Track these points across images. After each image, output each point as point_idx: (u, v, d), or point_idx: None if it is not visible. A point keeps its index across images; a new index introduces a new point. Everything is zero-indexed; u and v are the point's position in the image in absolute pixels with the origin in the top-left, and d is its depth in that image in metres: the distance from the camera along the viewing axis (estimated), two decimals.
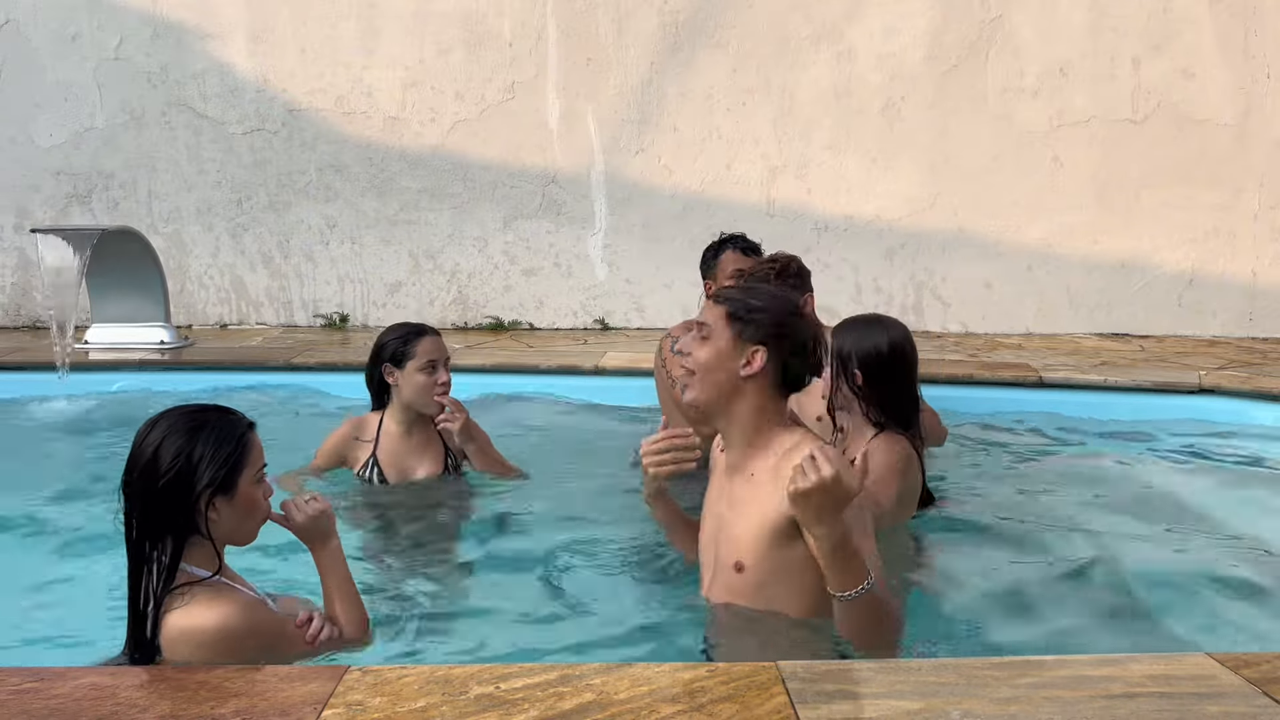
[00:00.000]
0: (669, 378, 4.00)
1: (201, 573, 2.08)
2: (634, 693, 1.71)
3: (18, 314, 7.09)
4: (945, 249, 6.82)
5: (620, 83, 6.80)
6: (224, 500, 2.08)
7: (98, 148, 6.90)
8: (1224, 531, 3.45)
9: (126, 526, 2.08)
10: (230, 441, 2.09)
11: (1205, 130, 6.68)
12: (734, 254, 4.07)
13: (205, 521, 2.06)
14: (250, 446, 2.14)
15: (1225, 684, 1.77)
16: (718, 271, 4.08)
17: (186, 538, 2.08)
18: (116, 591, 2.86)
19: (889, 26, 6.70)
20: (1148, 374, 5.28)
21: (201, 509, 2.06)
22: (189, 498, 2.05)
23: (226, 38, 6.81)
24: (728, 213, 6.80)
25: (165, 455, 2.04)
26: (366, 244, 7.00)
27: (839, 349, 2.94)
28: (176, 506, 2.05)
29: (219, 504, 2.08)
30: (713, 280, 4.11)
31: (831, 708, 1.67)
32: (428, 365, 3.41)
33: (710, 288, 4.14)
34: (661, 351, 4.07)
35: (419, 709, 1.67)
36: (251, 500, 2.13)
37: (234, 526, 2.13)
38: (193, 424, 2.09)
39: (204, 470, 2.05)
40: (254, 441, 2.16)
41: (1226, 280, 6.80)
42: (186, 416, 2.10)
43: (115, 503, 2.12)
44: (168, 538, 2.06)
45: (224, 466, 2.07)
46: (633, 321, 7.03)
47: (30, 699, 1.69)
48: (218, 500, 2.08)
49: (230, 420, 2.14)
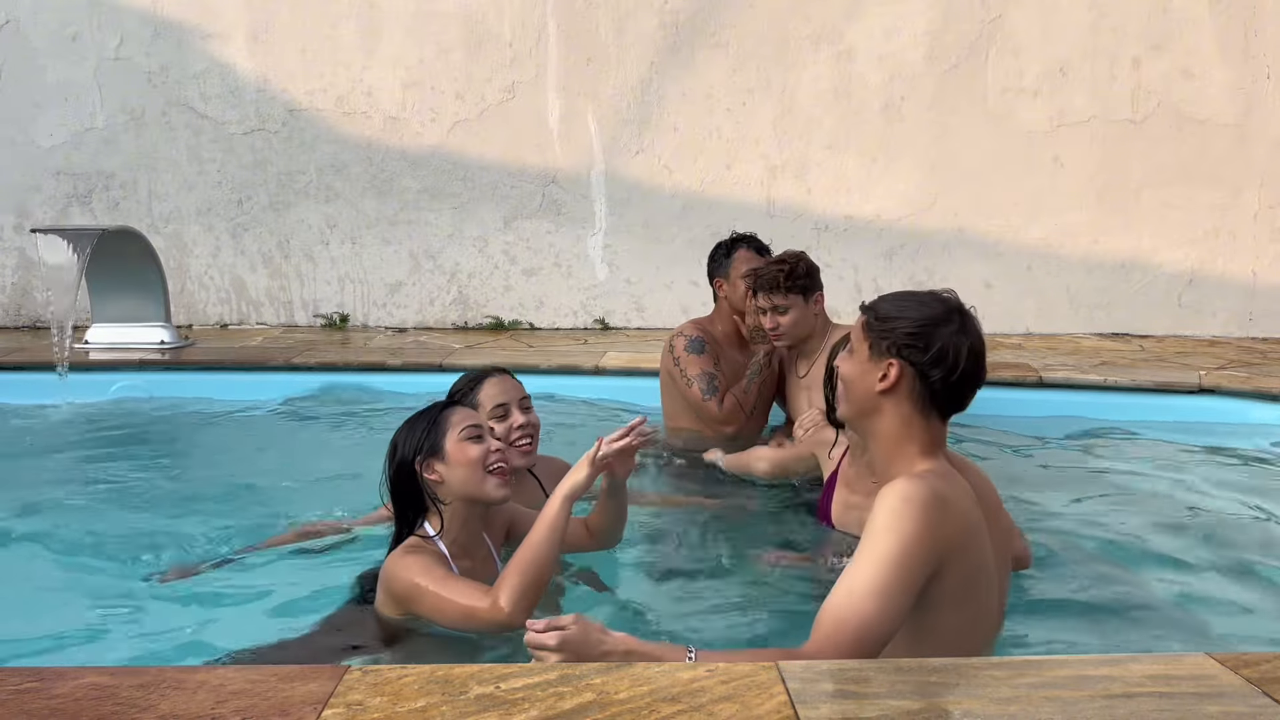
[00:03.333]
0: (683, 377, 4.00)
1: (429, 530, 2.45)
2: (634, 693, 1.71)
3: (18, 314, 7.09)
4: (945, 249, 6.82)
5: (620, 83, 6.80)
6: (438, 461, 2.43)
7: (98, 148, 6.90)
8: (1224, 531, 3.45)
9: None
10: (431, 413, 2.49)
11: (1205, 130, 6.68)
12: (747, 253, 4.09)
13: (426, 484, 2.43)
14: (448, 414, 2.48)
15: (1225, 684, 1.77)
16: (730, 270, 4.09)
17: (424, 507, 2.46)
18: (116, 591, 2.87)
19: (889, 26, 6.70)
20: (1148, 374, 5.28)
21: (420, 474, 2.43)
22: (409, 468, 2.43)
23: (227, 38, 6.81)
24: (728, 213, 6.80)
25: (392, 444, 2.49)
26: (366, 244, 7.00)
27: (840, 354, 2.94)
28: (405, 479, 2.45)
29: (436, 466, 2.43)
30: (724, 279, 4.12)
31: (831, 708, 1.67)
32: (498, 411, 2.86)
33: (721, 285, 4.15)
34: (674, 350, 4.07)
35: (419, 709, 1.67)
36: (463, 455, 2.42)
37: (463, 481, 2.43)
38: (409, 416, 2.52)
39: (409, 444, 2.44)
40: (453, 410, 2.51)
41: (1226, 280, 6.80)
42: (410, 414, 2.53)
43: (113, 503, 2.14)
44: (407, 507, 2.47)
45: (426, 434, 2.43)
46: (633, 321, 7.03)
47: (30, 699, 1.69)
48: (433, 463, 2.43)
49: (434, 405, 2.53)
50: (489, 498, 2.45)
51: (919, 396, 2.05)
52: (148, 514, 3.55)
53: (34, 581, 2.93)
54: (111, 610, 2.73)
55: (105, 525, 3.41)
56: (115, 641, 2.56)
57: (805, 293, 3.74)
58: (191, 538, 3.27)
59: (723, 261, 4.15)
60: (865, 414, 2.10)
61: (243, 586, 2.88)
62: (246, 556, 3.07)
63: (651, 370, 4.64)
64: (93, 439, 4.62)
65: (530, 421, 2.89)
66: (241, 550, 3.09)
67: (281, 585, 2.85)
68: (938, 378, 2.03)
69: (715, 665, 1.82)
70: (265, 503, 3.65)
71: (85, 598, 2.82)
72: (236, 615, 2.70)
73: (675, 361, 4.04)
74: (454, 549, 2.45)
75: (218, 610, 2.73)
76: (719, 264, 4.17)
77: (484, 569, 2.51)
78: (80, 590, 2.87)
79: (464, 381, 2.93)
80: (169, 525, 3.42)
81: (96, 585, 2.91)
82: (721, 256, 4.17)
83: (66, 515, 3.51)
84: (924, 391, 2.04)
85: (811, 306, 3.77)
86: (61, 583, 2.95)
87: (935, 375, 2.03)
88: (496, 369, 2.99)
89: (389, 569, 2.42)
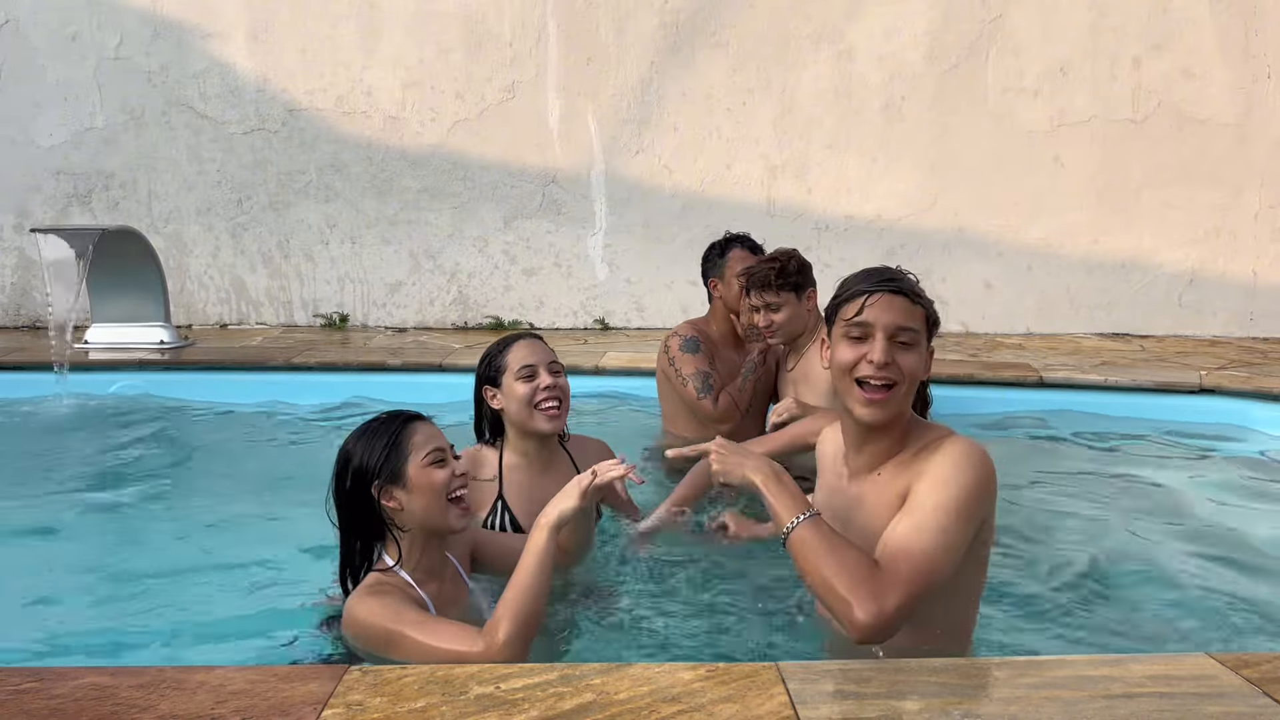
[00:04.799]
0: (678, 376, 3.99)
1: (388, 561, 2.24)
2: (634, 693, 1.71)
3: (18, 314, 7.09)
4: (945, 249, 6.82)
5: (620, 83, 6.80)
6: (398, 489, 2.22)
7: (98, 148, 6.90)
8: (1224, 531, 3.45)
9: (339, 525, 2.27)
10: (393, 435, 2.23)
11: (1205, 130, 6.68)
12: (741, 252, 4.08)
13: (384, 511, 2.22)
14: (410, 432, 2.25)
15: (1225, 684, 1.77)
16: (725, 270, 4.08)
17: (380, 532, 2.24)
18: (117, 591, 2.87)
19: (889, 26, 6.70)
20: (1148, 374, 5.28)
21: (377, 499, 2.21)
22: (362, 492, 2.21)
23: (226, 37, 6.81)
24: (728, 213, 6.80)
25: (341, 459, 2.24)
26: (366, 244, 7.00)
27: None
28: (360, 503, 2.22)
29: (396, 493, 2.22)
30: (719, 279, 4.11)
31: (831, 708, 1.67)
32: (524, 371, 2.81)
33: (716, 285, 4.13)
34: (669, 350, 4.06)
35: (419, 709, 1.67)
36: (427, 481, 2.22)
37: (423, 510, 2.23)
38: (363, 428, 2.27)
39: (366, 464, 2.21)
40: (415, 430, 2.26)
41: (1227, 280, 6.80)
42: (365, 422, 2.29)
43: (113, 503, 2.14)
44: (361, 532, 2.25)
45: (386, 457, 2.21)
46: (633, 321, 7.03)
47: (30, 699, 1.69)
48: (393, 490, 2.22)
49: (396, 419, 2.28)
50: (449, 528, 2.27)
51: None
52: (148, 514, 3.55)
53: (34, 581, 2.93)
54: (112, 610, 2.73)
55: (105, 525, 3.42)
56: (115, 641, 2.56)
57: (797, 290, 3.73)
58: (192, 538, 3.27)
59: (717, 261, 4.14)
60: (909, 398, 2.15)
61: (243, 586, 2.87)
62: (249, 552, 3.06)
63: (651, 370, 4.63)
64: (92, 439, 4.61)
65: (559, 384, 2.84)
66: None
67: (282, 585, 2.84)
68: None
69: (715, 665, 1.82)
70: (265, 503, 3.65)
71: (85, 598, 2.82)
72: (237, 615, 2.70)
73: (670, 361, 4.04)
74: (418, 575, 2.26)
75: (218, 610, 2.73)
76: (713, 264, 4.16)
77: (454, 590, 2.35)
78: (80, 590, 2.87)
79: (495, 346, 2.93)
80: (169, 525, 3.42)
81: (97, 585, 2.91)
82: (715, 256, 4.16)
83: (66, 515, 3.51)
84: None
85: (804, 303, 3.77)
86: (61, 583, 2.95)
87: None
88: (528, 333, 2.97)
89: (355, 615, 2.16)
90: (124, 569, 3.03)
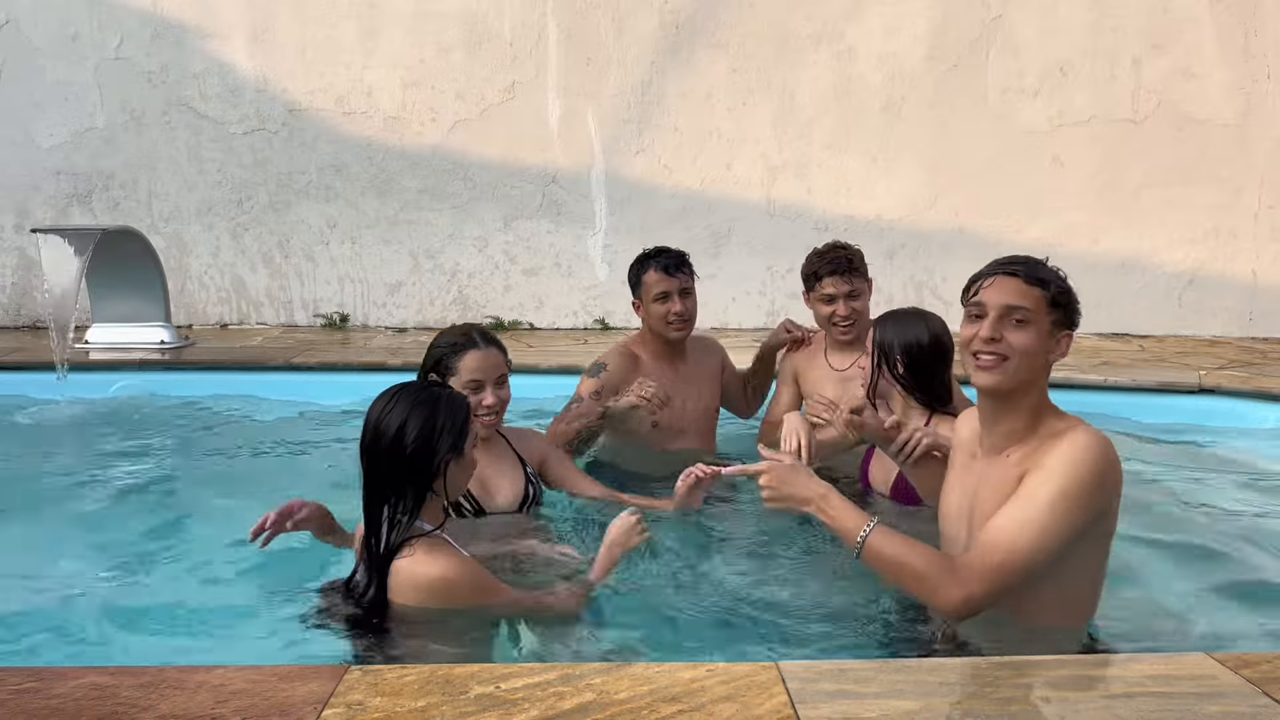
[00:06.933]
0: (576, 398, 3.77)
1: (427, 527, 2.34)
2: (634, 693, 1.71)
3: (18, 314, 7.09)
4: (946, 248, 6.82)
5: (620, 83, 6.80)
6: (455, 462, 2.36)
7: (98, 148, 6.90)
8: (1223, 531, 3.44)
9: (365, 488, 2.34)
10: (462, 410, 2.39)
11: (1205, 130, 6.68)
12: (655, 275, 3.80)
13: (444, 480, 2.34)
14: (469, 415, 2.43)
15: (1225, 684, 1.77)
16: (642, 292, 3.82)
17: (424, 497, 2.33)
18: (116, 591, 2.87)
19: (889, 26, 6.70)
20: (1148, 374, 5.28)
21: (440, 471, 2.32)
22: (431, 462, 2.30)
23: (226, 38, 6.81)
24: (727, 213, 6.81)
25: (412, 427, 2.29)
26: (366, 244, 7.00)
27: (882, 340, 3.08)
28: (420, 470, 2.30)
29: (451, 466, 2.35)
30: (639, 300, 3.84)
31: (831, 707, 1.67)
32: (470, 384, 2.93)
33: (638, 307, 3.85)
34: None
35: (419, 709, 1.67)
36: (472, 460, 2.44)
37: (458, 483, 2.41)
38: (431, 398, 2.36)
39: (445, 438, 2.32)
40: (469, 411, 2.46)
41: (1226, 280, 6.80)
42: (422, 392, 2.38)
43: (114, 503, 2.13)
44: (409, 497, 2.30)
45: (459, 433, 2.35)
46: (633, 321, 6.99)
47: (30, 699, 1.69)
48: (450, 462, 2.34)
49: (457, 395, 2.45)
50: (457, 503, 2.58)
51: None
52: (148, 514, 3.55)
53: (34, 581, 2.93)
54: (112, 610, 2.72)
55: (105, 525, 3.41)
56: (115, 641, 2.56)
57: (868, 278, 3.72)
58: (192, 537, 3.27)
59: (635, 283, 3.84)
60: (1028, 383, 2.22)
61: (243, 586, 2.87)
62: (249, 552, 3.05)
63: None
64: (92, 439, 4.61)
65: (500, 399, 2.99)
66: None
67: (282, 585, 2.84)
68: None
69: (715, 665, 1.82)
70: (265, 503, 3.63)
71: (85, 598, 2.81)
72: (237, 615, 2.69)
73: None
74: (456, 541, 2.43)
75: (218, 610, 2.73)
76: (634, 285, 3.86)
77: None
78: (80, 590, 2.87)
79: (447, 343, 3.00)
80: (169, 525, 3.42)
81: (96, 585, 2.90)
82: (632, 278, 3.86)
83: (66, 515, 3.51)
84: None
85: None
86: (62, 583, 2.94)
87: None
88: (483, 336, 3.01)
89: (436, 574, 2.25)
90: (124, 569, 3.03)
